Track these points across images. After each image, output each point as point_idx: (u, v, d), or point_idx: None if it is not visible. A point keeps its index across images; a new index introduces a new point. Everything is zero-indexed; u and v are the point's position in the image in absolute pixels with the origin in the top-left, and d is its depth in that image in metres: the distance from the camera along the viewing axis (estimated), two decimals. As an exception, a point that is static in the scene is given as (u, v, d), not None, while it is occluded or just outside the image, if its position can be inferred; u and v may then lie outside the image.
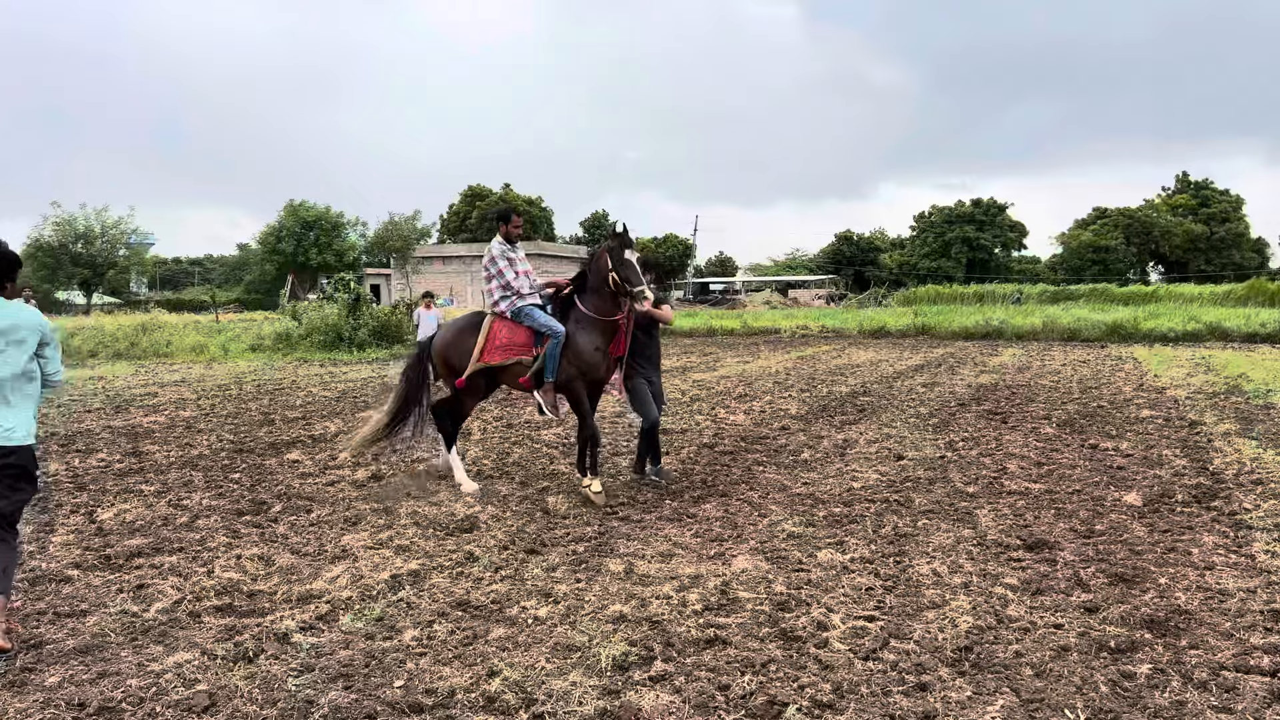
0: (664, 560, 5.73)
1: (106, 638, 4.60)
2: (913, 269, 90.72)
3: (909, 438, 10.25)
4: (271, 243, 65.66)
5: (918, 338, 31.52)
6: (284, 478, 8.41)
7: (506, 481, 8.16)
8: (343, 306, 26.30)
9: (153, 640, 4.57)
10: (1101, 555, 5.74)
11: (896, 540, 6.15)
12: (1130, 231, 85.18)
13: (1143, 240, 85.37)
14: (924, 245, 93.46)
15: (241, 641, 4.49)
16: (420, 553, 5.93)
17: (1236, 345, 25.74)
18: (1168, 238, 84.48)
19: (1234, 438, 9.82)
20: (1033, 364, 20.19)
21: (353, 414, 12.63)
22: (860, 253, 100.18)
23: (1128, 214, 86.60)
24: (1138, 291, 54.18)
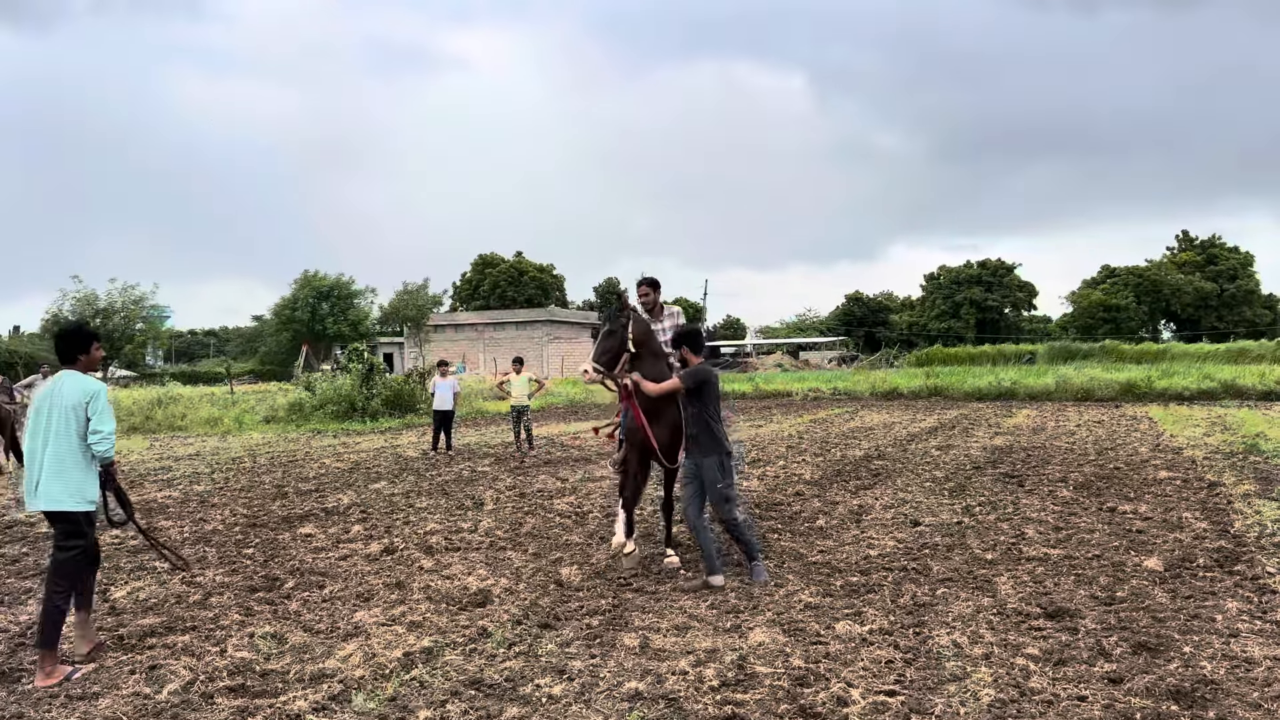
0: (679, 633, 5.66)
1: (118, 721, 4.56)
2: (923, 330, 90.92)
3: (925, 503, 10.17)
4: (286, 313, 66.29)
5: (930, 399, 31.44)
6: (297, 552, 8.39)
7: (519, 552, 8.12)
8: (356, 376, 26.44)
9: (164, 723, 4.52)
10: (1124, 623, 5.66)
11: (915, 610, 6.07)
12: (1140, 290, 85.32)
13: (1154, 298, 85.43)
14: (934, 306, 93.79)
15: (254, 723, 4.44)
16: (433, 628, 5.88)
17: (1253, 403, 25.57)
18: (1178, 295, 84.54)
19: (1254, 499, 9.71)
20: (1047, 425, 20.09)
21: (365, 485, 12.63)
22: (870, 314, 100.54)
23: (1137, 272, 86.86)
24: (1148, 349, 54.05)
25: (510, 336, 69.28)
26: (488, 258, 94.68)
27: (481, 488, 12.19)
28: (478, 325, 72.50)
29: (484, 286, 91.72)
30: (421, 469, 14.47)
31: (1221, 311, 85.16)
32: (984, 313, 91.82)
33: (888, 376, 38.99)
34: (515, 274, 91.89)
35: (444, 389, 16.97)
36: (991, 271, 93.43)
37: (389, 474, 13.93)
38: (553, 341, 69.70)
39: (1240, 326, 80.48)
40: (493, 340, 69.90)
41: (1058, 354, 53.56)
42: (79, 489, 5.23)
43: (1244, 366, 36.28)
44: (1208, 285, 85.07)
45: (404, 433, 22.30)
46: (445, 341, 69.67)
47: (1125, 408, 25.37)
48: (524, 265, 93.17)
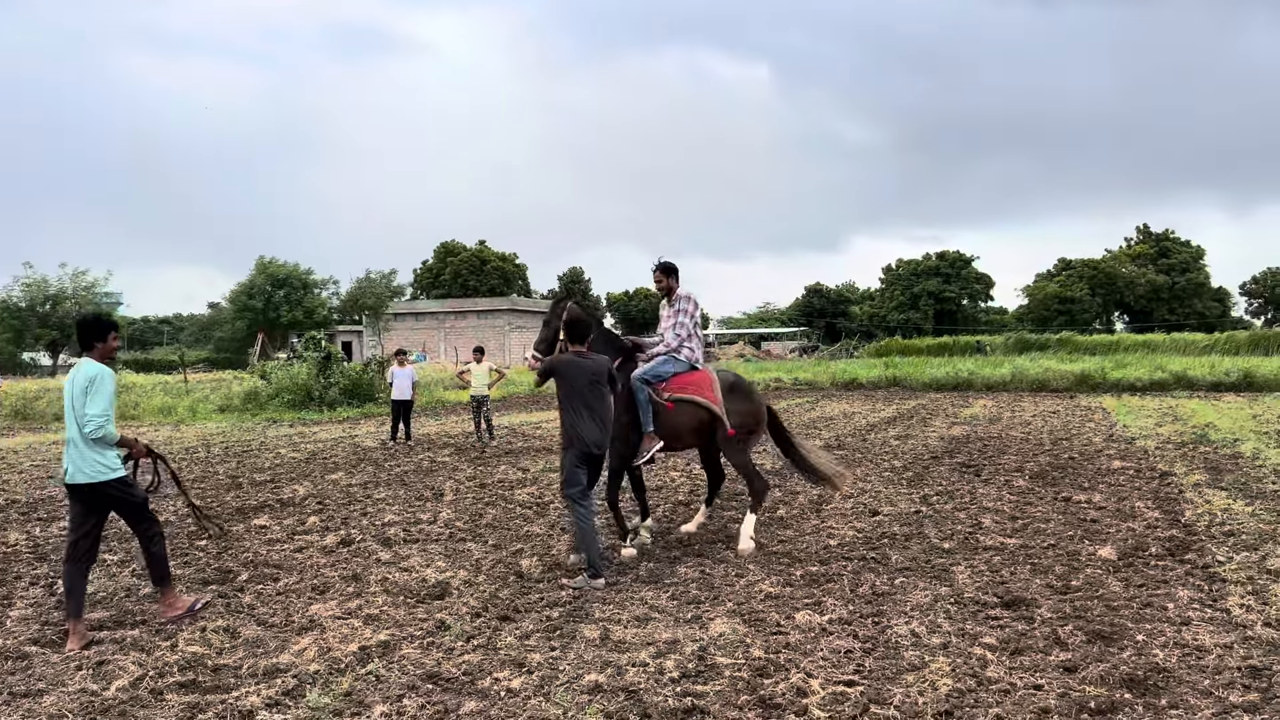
0: (640, 625, 5.64)
1: (64, 719, 4.44)
2: (883, 321, 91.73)
3: (884, 492, 10.24)
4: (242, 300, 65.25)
5: (889, 389, 31.73)
6: (251, 544, 8.25)
7: (479, 544, 8.04)
8: (312, 365, 26.08)
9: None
10: (1079, 612, 5.72)
11: (874, 600, 6.10)
12: (1095, 282, 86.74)
13: (1107, 290, 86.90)
14: (893, 298, 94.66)
15: (204, 720, 4.35)
16: (390, 622, 5.80)
17: (1203, 394, 26.09)
18: (1131, 288, 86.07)
19: (1204, 488, 9.89)
20: (1003, 415, 20.34)
21: (322, 476, 12.46)
22: (831, 305, 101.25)
23: (1092, 265, 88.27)
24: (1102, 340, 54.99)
25: (472, 325, 68.83)
26: (450, 245, 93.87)
27: (441, 478, 12.08)
28: (439, 314, 71.90)
29: (445, 275, 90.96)
30: (380, 459, 14.31)
31: (1173, 304, 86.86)
32: (942, 304, 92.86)
33: (848, 367, 39.27)
34: (477, 262, 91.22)
35: (402, 378, 16.78)
36: (950, 263, 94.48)
37: (346, 464, 13.77)
38: (515, 331, 69.35)
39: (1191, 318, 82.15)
40: (454, 329, 69.40)
41: (1013, 345, 54.29)
42: (93, 465, 5.59)
43: (1194, 358, 37.03)
44: (1160, 278, 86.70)
45: (362, 422, 22.06)
46: (405, 330, 69.02)
47: (1079, 398, 25.78)
48: (486, 254, 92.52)
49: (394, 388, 16.81)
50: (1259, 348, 43.91)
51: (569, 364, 6.84)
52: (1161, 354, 41.22)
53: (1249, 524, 8.01)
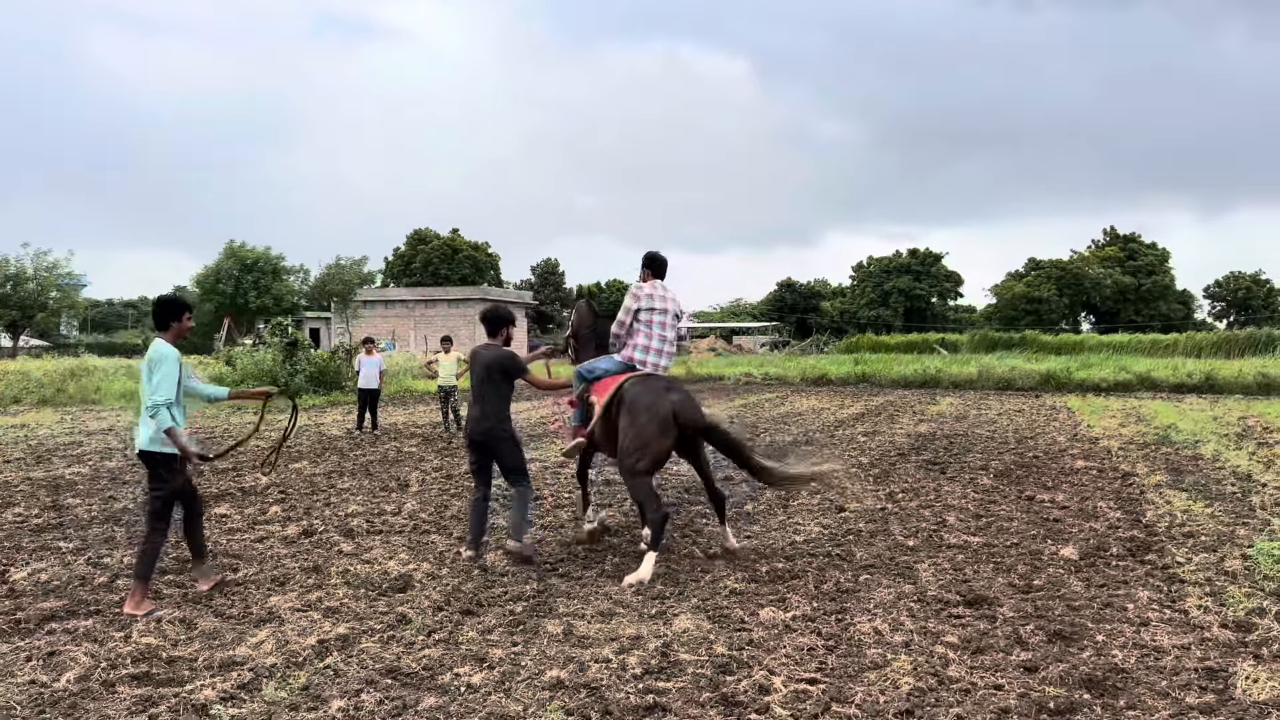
0: (604, 620, 5.60)
1: (11, 711, 4.33)
2: (853, 317, 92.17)
3: (850, 489, 10.28)
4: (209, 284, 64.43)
5: (858, 385, 31.91)
6: (210, 533, 8.10)
7: (444, 536, 7.98)
8: (278, 351, 25.78)
9: (62, 714, 4.32)
10: (1040, 611, 5.76)
11: (838, 597, 6.11)
12: (1062, 283, 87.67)
13: (1075, 291, 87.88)
14: (863, 294, 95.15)
15: (157, 714, 4.26)
16: (350, 615, 5.73)
17: (1165, 395, 26.46)
18: (1098, 289, 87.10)
19: (1165, 489, 10.01)
20: (970, 413, 20.50)
21: (285, 465, 12.31)
22: (802, 300, 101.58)
23: (1060, 265, 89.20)
24: (1067, 340, 55.59)
25: (442, 315, 68.36)
26: (422, 233, 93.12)
27: (407, 469, 11.97)
28: (409, 302, 71.33)
29: (416, 263, 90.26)
30: (345, 449, 14.17)
31: (1139, 305, 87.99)
32: (912, 301, 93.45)
33: (818, 362, 39.45)
34: (449, 251, 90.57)
35: (369, 367, 16.63)
36: (920, 261, 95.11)
37: (310, 453, 13.62)
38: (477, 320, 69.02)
39: (1156, 320, 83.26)
40: (424, 318, 68.92)
41: (980, 343, 54.76)
42: (156, 434, 5.88)
43: (1158, 359, 37.55)
44: (1126, 279, 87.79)
45: (328, 411, 21.84)
46: (375, 318, 68.42)
47: (1045, 397, 26.05)
48: (459, 242, 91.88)
49: (361, 376, 16.66)
50: (1220, 350, 44.59)
51: (474, 354, 7.34)
52: (1126, 355, 41.75)
53: (1208, 525, 8.11)
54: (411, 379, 30.98)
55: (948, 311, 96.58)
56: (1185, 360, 36.49)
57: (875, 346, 56.74)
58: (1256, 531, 7.84)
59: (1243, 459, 12.20)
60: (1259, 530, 7.89)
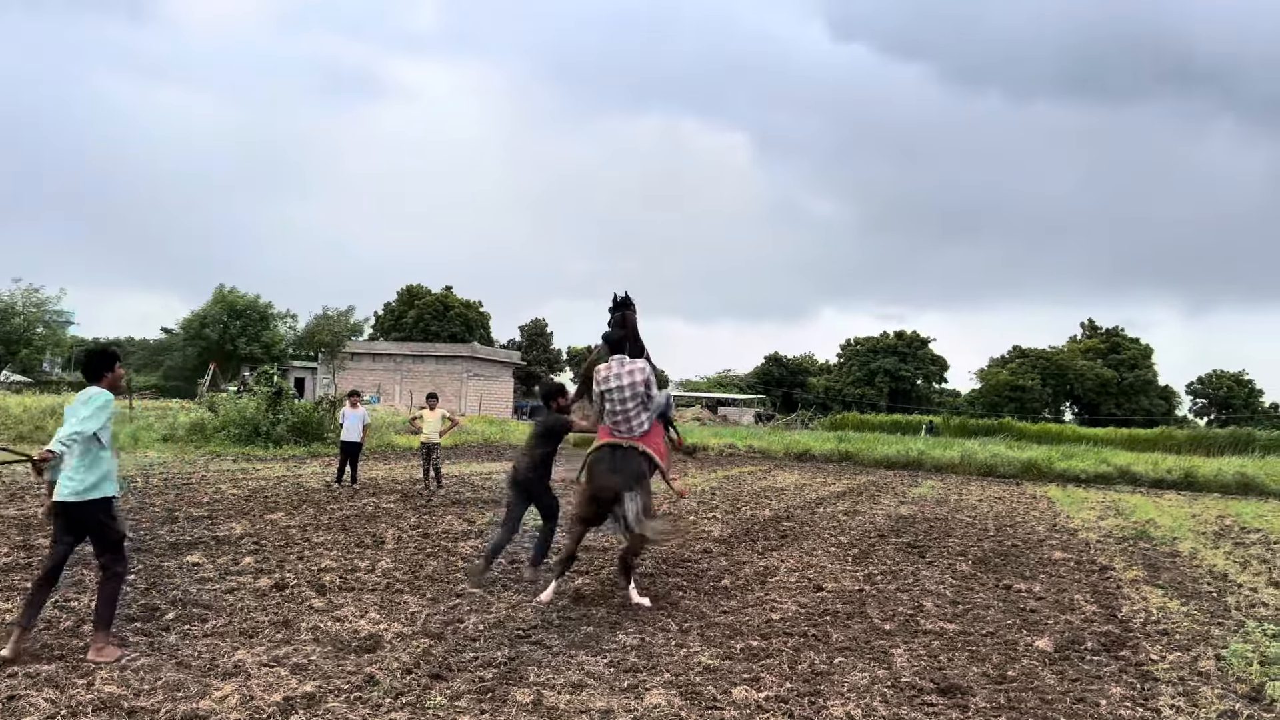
0: (574, 691, 5.54)
1: (-37, 757, 4.24)
2: (839, 394, 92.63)
3: (829, 568, 10.24)
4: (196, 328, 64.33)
5: (841, 463, 31.91)
6: (181, 582, 8.02)
7: (417, 596, 7.89)
8: (262, 400, 25.68)
9: (15, 761, 4.23)
10: (1013, 703, 5.73)
11: (812, 678, 6.06)
12: (1046, 372, 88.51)
13: (1058, 381, 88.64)
14: (850, 373, 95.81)
15: (113, 766, 4.18)
16: (318, 672, 5.65)
17: (1144, 490, 26.55)
18: (1081, 380, 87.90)
19: (1142, 585, 10.02)
20: (950, 497, 20.51)
21: (261, 515, 12.19)
22: (789, 374, 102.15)
23: (1044, 355, 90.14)
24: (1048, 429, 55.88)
25: (430, 370, 68.30)
26: (415, 289, 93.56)
27: (383, 525, 11.88)
28: (396, 356, 71.27)
29: (408, 318, 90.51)
30: (322, 501, 14.05)
31: (1120, 399, 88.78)
32: (897, 382, 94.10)
33: (802, 438, 39.48)
34: (441, 308, 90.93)
35: (353, 420, 16.57)
36: (907, 343, 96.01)
37: (287, 505, 13.50)
38: (473, 379, 68.94)
39: (1137, 414, 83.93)
40: (411, 373, 68.81)
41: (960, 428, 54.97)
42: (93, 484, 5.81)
43: (1138, 454, 37.74)
44: (1109, 372, 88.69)
45: (308, 462, 21.69)
46: (362, 370, 68.28)
47: (1025, 485, 26.10)
48: (451, 300, 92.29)
49: (344, 429, 16.59)
50: (1199, 448, 44.87)
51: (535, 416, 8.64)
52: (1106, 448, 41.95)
53: (1183, 624, 8.11)
54: (394, 434, 30.84)
55: (932, 394, 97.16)
56: (1165, 456, 36.68)
57: (860, 425, 56.89)
58: (1231, 632, 7.84)
59: (1219, 558, 12.23)
60: (1233, 631, 7.89)
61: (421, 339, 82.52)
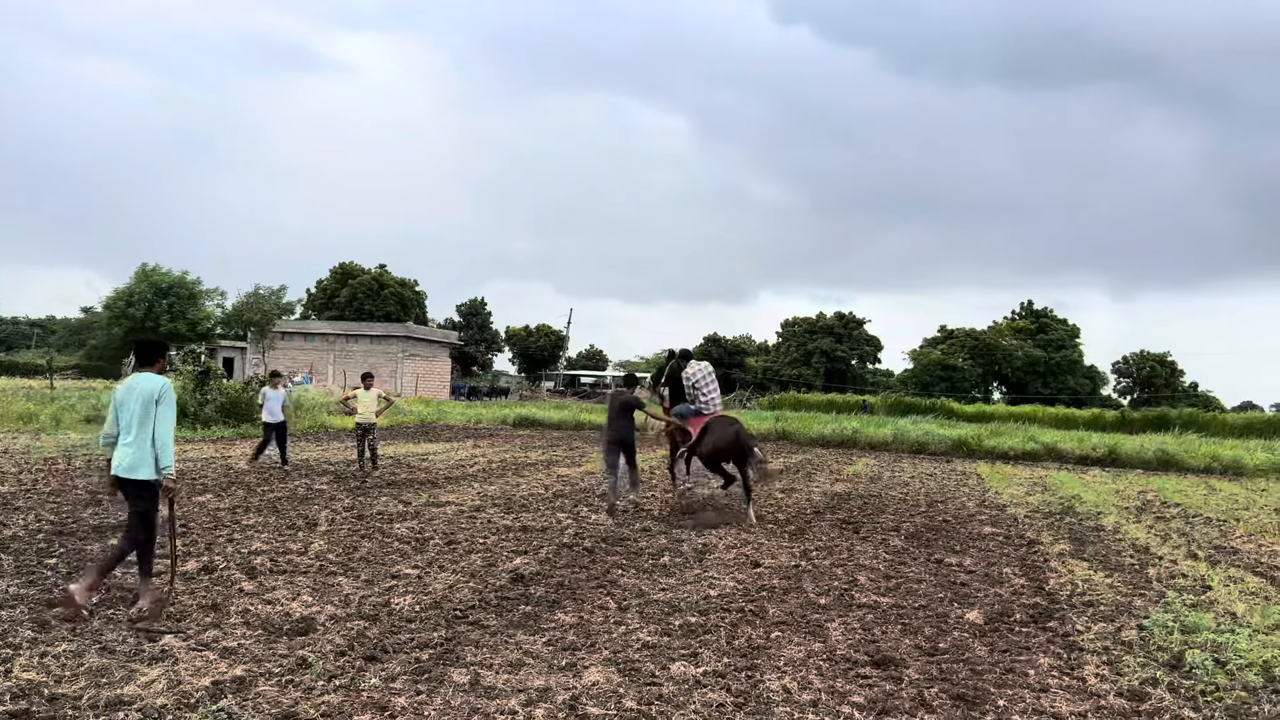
0: (512, 670, 5.50)
1: None
2: (776, 375, 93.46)
3: (766, 544, 10.34)
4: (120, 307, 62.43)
5: (779, 442, 32.23)
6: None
7: (351, 578, 7.76)
8: (189, 380, 25.01)
9: (-75, 753, 4.06)
10: (945, 674, 5.84)
11: (749, 653, 6.11)
12: (975, 352, 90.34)
13: (987, 361, 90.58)
14: (787, 353, 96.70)
15: (31, 756, 4.03)
16: (248, 656, 5.52)
17: (1070, 466, 27.32)
18: (1009, 360, 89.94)
19: (1068, 558, 10.30)
20: (884, 474, 20.86)
21: (189, 498, 11.89)
22: (727, 355, 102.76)
23: (973, 335, 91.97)
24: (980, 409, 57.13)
25: (364, 350, 67.25)
26: (348, 267, 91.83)
27: (316, 507, 11.67)
28: (330, 336, 69.97)
29: (341, 297, 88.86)
30: (252, 483, 13.75)
31: (1047, 378, 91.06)
32: (833, 362, 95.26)
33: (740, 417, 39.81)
34: (376, 286, 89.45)
35: (273, 400, 16.39)
36: (844, 324, 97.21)
37: (216, 487, 13.18)
38: (409, 358, 68.04)
39: (1064, 393, 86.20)
40: (345, 353, 67.67)
41: (894, 407, 55.93)
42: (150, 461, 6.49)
43: (1065, 431, 38.81)
44: (1037, 352, 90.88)
45: (237, 443, 21.22)
46: (294, 350, 66.94)
47: (956, 463, 26.66)
48: (386, 278, 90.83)
49: (265, 410, 16.32)
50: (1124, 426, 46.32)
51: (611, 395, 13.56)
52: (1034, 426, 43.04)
53: (1107, 595, 8.36)
54: (327, 414, 30.30)
55: (867, 374, 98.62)
56: (1090, 433, 37.76)
57: (797, 404, 57.56)
58: (1152, 603, 8.10)
59: (1141, 532, 12.63)
60: (1154, 602, 8.15)
61: (355, 318, 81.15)
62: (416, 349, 70.08)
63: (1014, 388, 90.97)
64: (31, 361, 68.86)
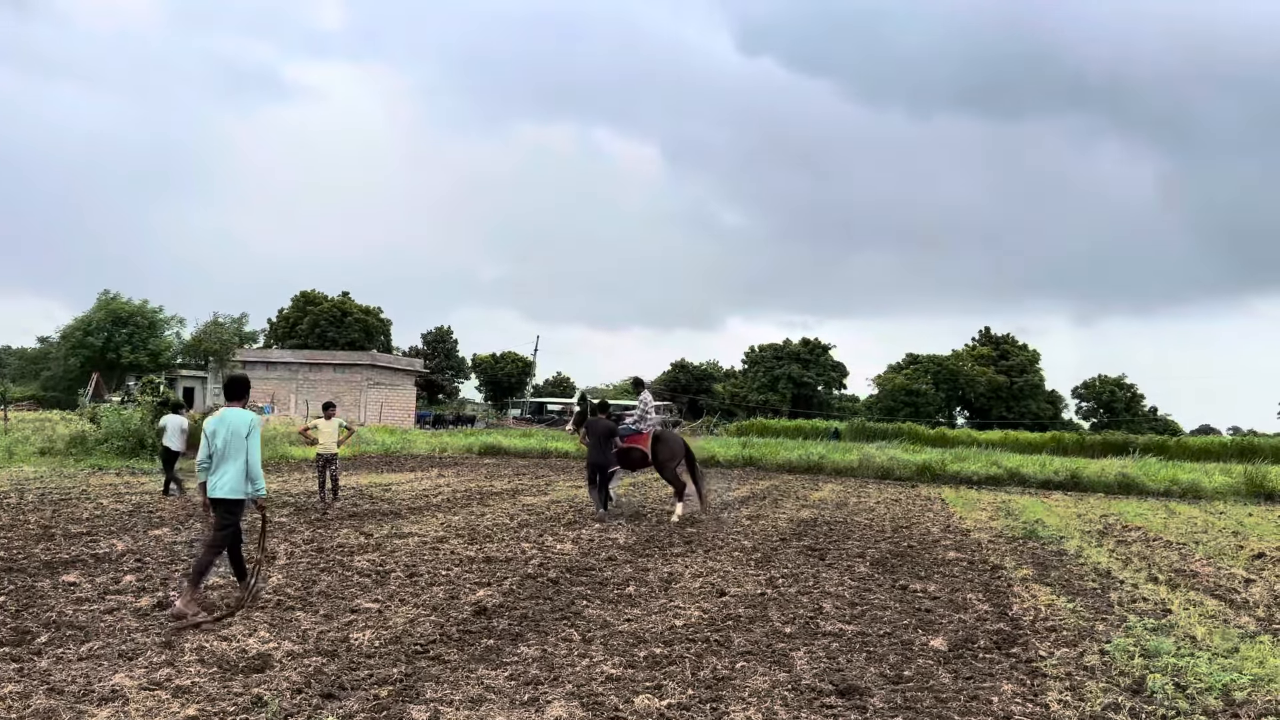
0: (473, 707, 5.41)
1: None
2: (743, 400, 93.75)
3: (732, 573, 10.30)
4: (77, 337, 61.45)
5: (745, 469, 32.26)
6: (56, 603, 7.58)
7: (309, 613, 7.62)
8: (147, 410, 24.59)
9: None
10: (909, 702, 5.83)
11: (714, 684, 6.06)
12: (939, 377, 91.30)
13: (951, 386, 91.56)
14: (754, 379, 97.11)
15: (-29, 805, 3.89)
16: (202, 695, 5.38)
17: (1033, 491, 27.58)
18: (973, 385, 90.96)
19: (1031, 583, 10.36)
20: (850, 500, 20.93)
21: (145, 531, 11.64)
22: (695, 381, 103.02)
23: (937, 361, 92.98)
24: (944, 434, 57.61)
25: (328, 379, 66.50)
26: (310, 295, 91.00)
27: (275, 540, 11.47)
28: (292, 364, 69.14)
29: (303, 325, 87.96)
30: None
31: (1010, 403, 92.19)
32: (800, 388, 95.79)
33: (707, 444, 39.81)
34: (339, 314, 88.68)
35: (174, 426, 16.75)
36: (810, 350, 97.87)
37: (173, 520, 12.93)
38: (373, 387, 67.39)
39: (1026, 417, 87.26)
40: (308, 381, 66.86)
41: (860, 432, 56.26)
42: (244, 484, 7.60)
43: (1027, 456, 39.20)
44: (1000, 378, 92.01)
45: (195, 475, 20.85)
46: (255, 379, 65.88)
47: (921, 488, 26.82)
48: (349, 306, 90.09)
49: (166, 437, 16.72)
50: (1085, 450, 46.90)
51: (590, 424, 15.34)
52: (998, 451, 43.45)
53: (1070, 620, 8.41)
54: (288, 445, 29.90)
55: (833, 400, 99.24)
56: (1052, 458, 38.18)
57: (763, 430, 57.69)
58: (1114, 627, 8.15)
59: (1103, 556, 12.75)
60: (1116, 626, 8.21)
61: (318, 346, 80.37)
62: (381, 377, 69.46)
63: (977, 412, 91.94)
64: (-15, 392, 67.41)
